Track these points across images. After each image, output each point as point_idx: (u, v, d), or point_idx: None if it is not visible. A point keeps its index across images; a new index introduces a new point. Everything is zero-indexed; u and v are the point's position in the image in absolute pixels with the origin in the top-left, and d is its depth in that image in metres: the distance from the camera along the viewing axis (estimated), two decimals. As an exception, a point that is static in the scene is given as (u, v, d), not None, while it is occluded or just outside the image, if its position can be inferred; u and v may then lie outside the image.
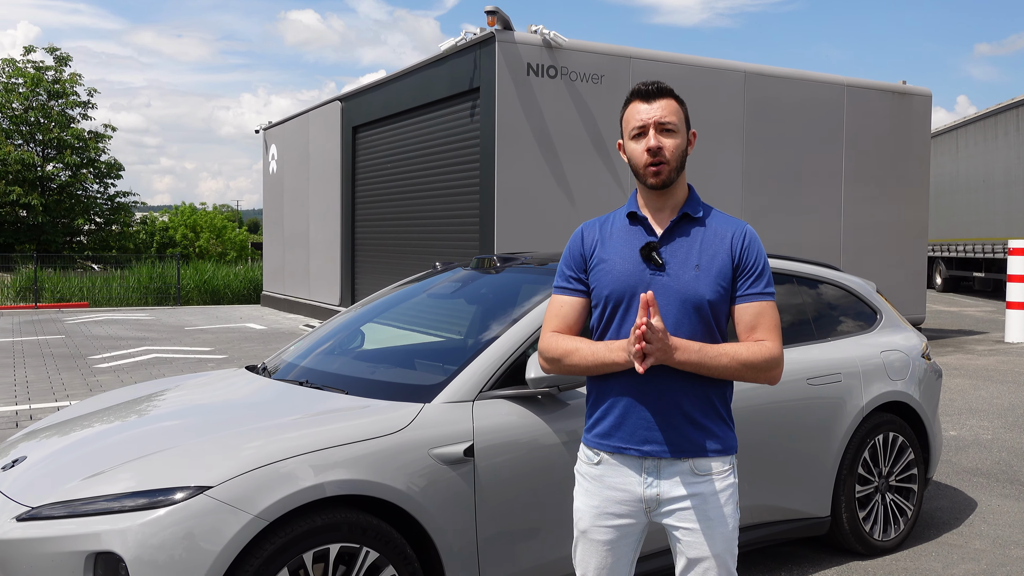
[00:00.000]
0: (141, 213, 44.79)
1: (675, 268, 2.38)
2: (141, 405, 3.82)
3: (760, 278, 2.40)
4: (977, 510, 5.27)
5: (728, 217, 2.48)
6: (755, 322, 2.38)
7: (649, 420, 2.37)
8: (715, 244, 2.40)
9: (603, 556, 2.46)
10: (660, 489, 2.38)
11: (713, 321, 2.38)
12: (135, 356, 11.48)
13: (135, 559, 2.65)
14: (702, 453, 2.37)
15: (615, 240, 2.46)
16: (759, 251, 2.42)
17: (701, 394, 2.38)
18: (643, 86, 2.42)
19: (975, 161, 21.70)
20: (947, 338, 13.76)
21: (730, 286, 2.40)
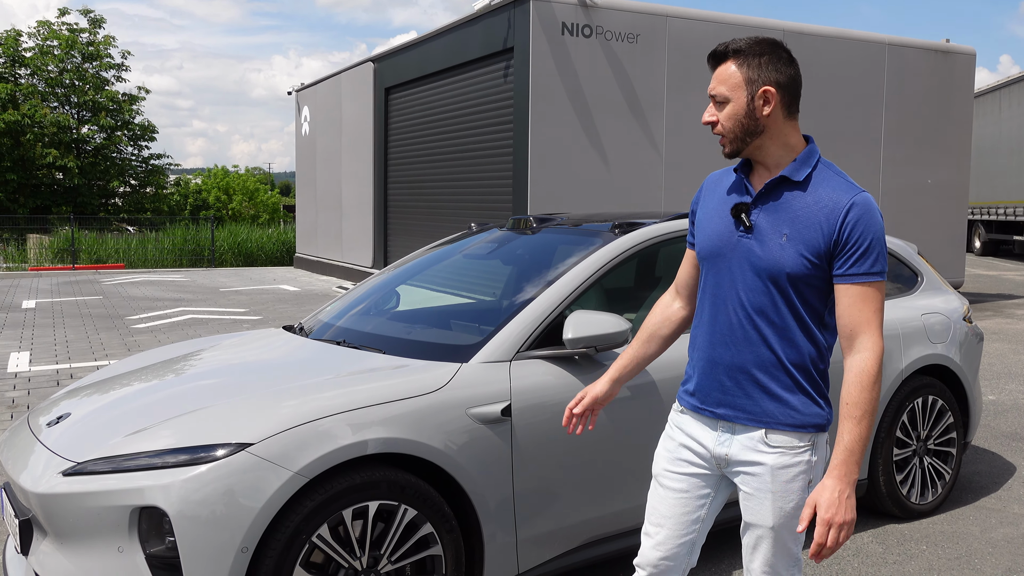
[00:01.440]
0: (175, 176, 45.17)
1: (763, 233, 2.25)
2: (179, 364, 3.86)
3: (864, 257, 2.17)
4: (1016, 475, 5.21)
5: (842, 184, 2.22)
6: (852, 308, 2.18)
7: (725, 385, 2.33)
8: (813, 213, 2.20)
9: (671, 504, 2.44)
10: (731, 449, 2.33)
11: (795, 296, 2.23)
12: (171, 317, 11.63)
13: (178, 514, 2.69)
14: (775, 424, 2.28)
15: (720, 194, 2.38)
16: (867, 226, 2.17)
17: (777, 364, 2.27)
18: (711, 53, 2.35)
19: (1018, 122, 21.19)
20: (986, 302, 13.55)
21: (824, 263, 2.20)
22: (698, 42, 11.29)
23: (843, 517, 2.10)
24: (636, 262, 4.08)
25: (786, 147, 2.27)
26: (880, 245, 2.19)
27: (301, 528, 2.78)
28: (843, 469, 2.13)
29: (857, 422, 2.14)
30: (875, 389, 2.15)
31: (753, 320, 2.27)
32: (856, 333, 2.18)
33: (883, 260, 2.19)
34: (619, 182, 10.98)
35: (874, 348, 2.17)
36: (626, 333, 3.33)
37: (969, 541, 4.21)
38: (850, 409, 2.15)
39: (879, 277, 2.19)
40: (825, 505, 2.11)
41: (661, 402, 3.57)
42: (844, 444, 2.14)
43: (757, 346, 2.27)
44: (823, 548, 2.11)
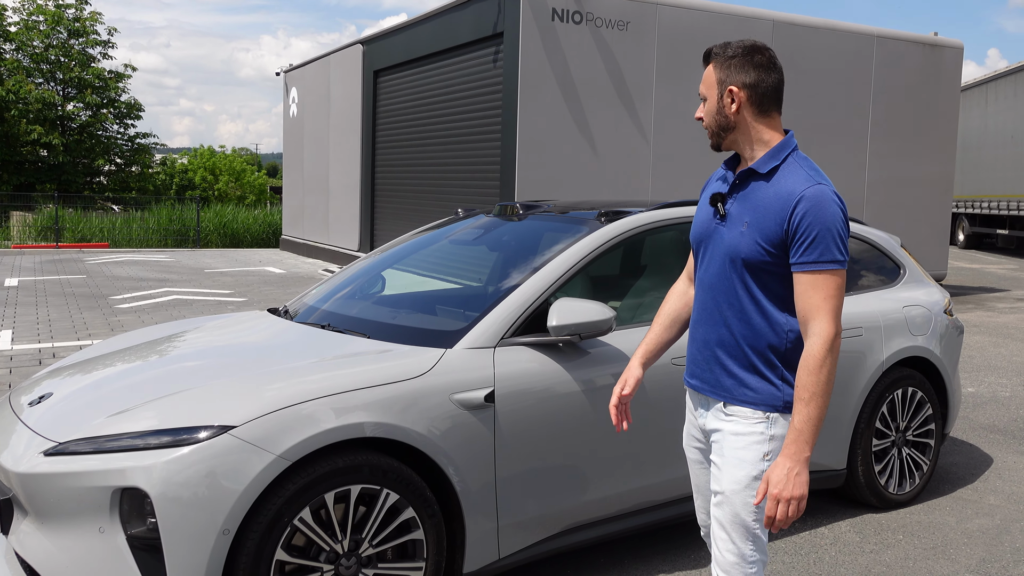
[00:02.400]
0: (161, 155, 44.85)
1: (731, 221, 2.42)
2: (163, 345, 3.85)
3: (812, 246, 2.27)
4: (993, 466, 5.27)
5: (802, 176, 2.33)
6: (803, 295, 2.30)
7: (697, 359, 2.55)
8: (771, 204, 2.33)
9: (695, 474, 2.70)
10: (706, 420, 2.55)
11: (753, 281, 2.38)
12: (156, 297, 11.58)
13: (160, 495, 2.69)
14: (731, 400, 2.46)
15: (711, 186, 2.58)
16: (816, 217, 2.27)
17: (735, 344, 2.44)
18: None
19: (1004, 116, 21.30)
20: (968, 295, 13.66)
21: (780, 251, 2.33)
22: (688, 30, 11.29)
23: (790, 492, 2.24)
24: (622, 250, 4.09)
25: (759, 142, 2.42)
26: (830, 235, 2.28)
27: (283, 511, 2.79)
28: (792, 448, 2.27)
29: (805, 404, 2.27)
30: (821, 372, 2.26)
31: (717, 302, 2.46)
32: (807, 319, 2.31)
33: (834, 250, 2.28)
34: (607, 170, 10.99)
35: (822, 334, 2.27)
36: (610, 321, 3.35)
37: (945, 531, 4.27)
38: (799, 391, 2.29)
39: (829, 266, 2.28)
40: (774, 481, 2.26)
41: (644, 390, 3.59)
42: (794, 424, 2.29)
43: (719, 326, 2.46)
44: (773, 521, 2.27)
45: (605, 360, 3.53)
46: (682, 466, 3.74)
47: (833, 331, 2.27)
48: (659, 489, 3.72)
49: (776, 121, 2.43)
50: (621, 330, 3.64)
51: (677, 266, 4.13)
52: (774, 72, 2.40)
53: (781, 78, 2.42)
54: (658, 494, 3.73)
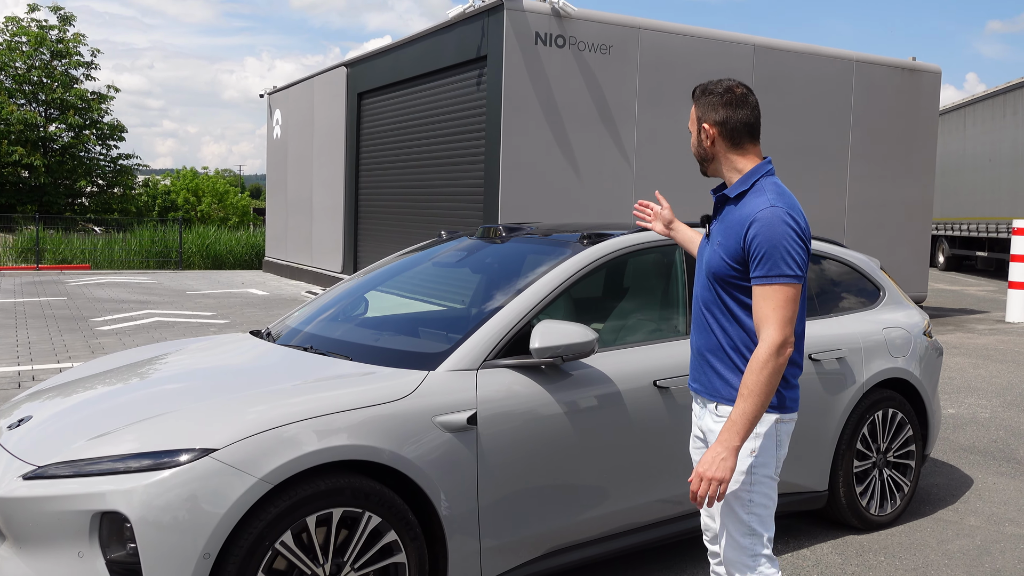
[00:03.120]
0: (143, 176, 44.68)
1: (712, 240, 2.72)
2: (144, 368, 3.83)
3: (762, 263, 2.53)
4: (973, 487, 5.31)
5: (761, 201, 2.59)
6: (756, 305, 2.56)
7: (694, 365, 2.83)
8: (733, 225, 2.62)
9: None
10: (704, 422, 2.79)
11: (725, 292, 2.67)
12: (137, 319, 11.51)
13: (140, 519, 2.67)
14: (720, 399, 2.70)
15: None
16: (765, 237, 2.52)
17: (720, 348, 2.70)
18: None
19: (982, 140, 21.58)
20: (948, 317, 13.77)
21: (743, 267, 2.60)
22: (670, 54, 11.40)
23: (712, 473, 2.47)
24: (604, 273, 4.11)
25: (733, 170, 2.71)
26: (777, 252, 2.52)
27: (264, 534, 2.78)
28: (724, 436, 2.50)
29: (743, 399, 2.51)
30: (762, 373, 2.49)
31: (702, 310, 2.75)
32: (759, 327, 2.55)
33: (782, 265, 2.52)
34: (590, 192, 11.04)
35: (767, 340, 2.51)
36: (593, 343, 3.36)
37: (926, 552, 4.29)
38: (740, 388, 2.53)
39: (777, 280, 2.52)
40: (703, 461, 2.51)
41: (627, 413, 3.60)
42: (730, 417, 2.52)
43: (707, 333, 2.74)
44: (695, 496, 2.49)
45: (587, 382, 3.54)
46: (666, 488, 3.75)
47: (779, 339, 2.50)
48: (642, 511, 3.72)
49: (750, 151, 2.69)
50: (603, 352, 3.66)
51: (659, 288, 4.16)
52: (744, 108, 2.67)
53: (752, 113, 2.68)
54: (641, 516, 3.73)
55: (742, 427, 2.49)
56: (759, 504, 2.65)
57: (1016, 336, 11.66)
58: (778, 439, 2.68)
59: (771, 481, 2.67)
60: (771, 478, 2.67)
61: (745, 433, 2.50)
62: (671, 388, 3.73)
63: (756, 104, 2.70)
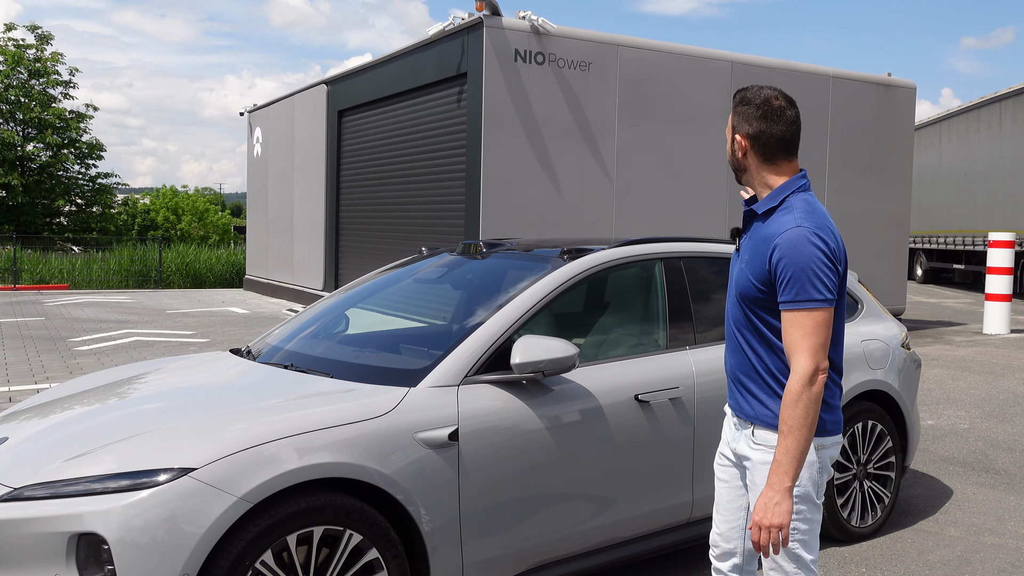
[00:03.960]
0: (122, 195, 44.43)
1: (741, 257, 2.62)
2: (123, 388, 3.80)
3: (787, 287, 2.41)
4: (953, 498, 5.34)
5: (787, 220, 2.46)
6: (784, 332, 2.44)
7: (729, 385, 2.73)
8: (760, 245, 2.51)
9: (719, 492, 2.79)
10: (739, 445, 2.67)
11: (755, 314, 2.55)
12: (116, 339, 11.42)
13: (118, 540, 2.64)
14: (758, 422, 2.59)
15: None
16: (789, 260, 2.40)
17: (754, 370, 2.60)
18: None
19: (957, 154, 21.84)
20: (926, 329, 13.88)
21: (769, 289, 2.49)
22: (648, 71, 11.48)
23: (770, 521, 2.35)
24: (585, 288, 4.13)
25: (763, 185, 2.59)
26: (804, 276, 2.39)
27: (244, 554, 2.76)
28: (773, 478, 2.39)
29: (784, 436, 2.39)
30: (797, 407, 2.37)
31: (734, 331, 2.64)
32: (789, 356, 2.45)
33: (810, 289, 2.39)
34: (571, 208, 11.08)
35: (798, 370, 2.40)
36: (574, 358, 3.37)
37: (907, 563, 4.30)
38: (779, 425, 2.42)
39: (805, 304, 2.40)
40: (757, 509, 2.40)
41: (608, 428, 3.61)
42: (775, 456, 2.41)
43: (738, 353, 2.63)
44: (758, 545, 2.39)
45: (569, 397, 3.54)
46: (648, 502, 3.75)
47: (811, 367, 2.37)
48: (626, 525, 3.72)
49: (784, 167, 2.56)
50: (585, 367, 3.66)
51: (640, 303, 4.18)
52: (780, 123, 2.53)
53: (788, 128, 2.54)
54: (625, 530, 3.73)
55: (789, 466, 2.36)
56: (801, 531, 2.53)
57: (994, 348, 11.77)
58: (820, 465, 2.55)
59: (814, 507, 2.56)
60: (815, 504, 2.55)
61: (795, 472, 2.36)
62: (652, 402, 3.74)
63: (795, 118, 2.56)
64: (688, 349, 4.01)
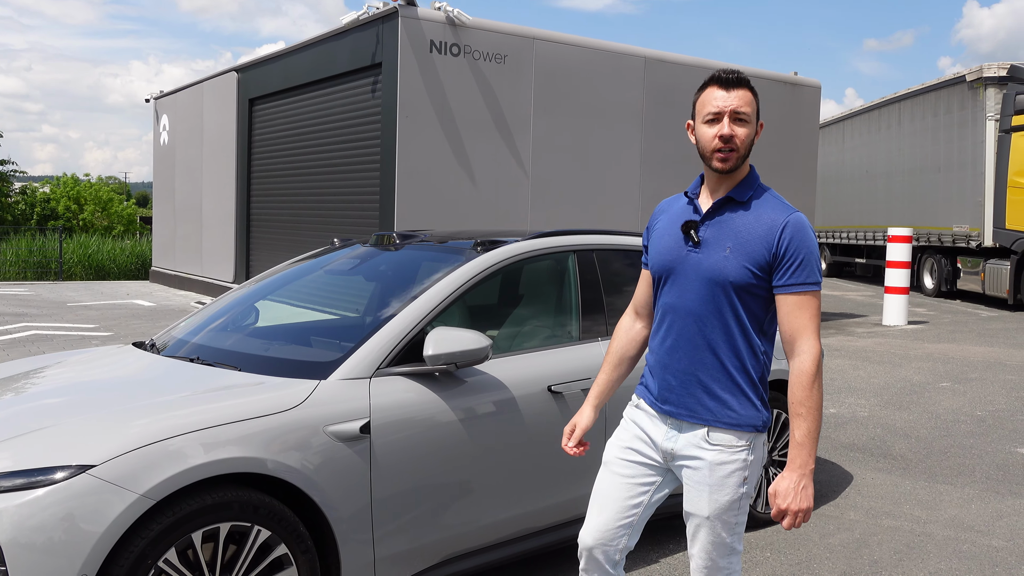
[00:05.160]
0: (20, 183, 42.59)
1: (709, 247, 2.50)
2: (19, 382, 3.65)
3: (800, 269, 2.42)
4: (852, 483, 5.54)
5: (778, 204, 2.49)
6: (791, 315, 2.43)
7: (672, 384, 2.57)
8: (753, 229, 2.46)
9: (616, 487, 2.66)
10: (676, 444, 2.57)
11: (739, 304, 2.47)
12: (12, 333, 10.94)
13: (10, 541, 2.54)
14: (715, 423, 2.51)
15: (670, 216, 2.64)
16: (801, 242, 2.42)
17: (720, 368, 2.50)
18: (723, 73, 2.53)
19: (860, 152, 22.62)
20: (830, 320, 14.35)
21: (765, 274, 2.45)
22: (563, 64, 11.55)
23: (798, 505, 2.38)
24: (499, 279, 4.13)
25: (744, 172, 2.57)
26: (814, 259, 2.45)
27: (147, 552, 2.68)
28: (798, 461, 2.40)
29: (804, 419, 2.39)
30: (814, 387, 2.39)
31: (700, 327, 2.51)
32: (795, 338, 2.43)
33: (816, 272, 2.45)
34: (486, 200, 11.08)
35: (811, 351, 2.42)
36: (487, 350, 3.37)
37: (809, 547, 4.45)
38: (795, 407, 2.41)
39: (814, 287, 2.44)
40: (782, 493, 2.39)
41: (522, 419, 3.62)
42: (795, 440, 2.40)
43: (702, 351, 2.52)
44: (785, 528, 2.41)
45: (482, 389, 3.55)
46: (562, 492, 3.78)
47: (819, 348, 2.42)
48: (540, 515, 3.74)
49: None
50: (498, 358, 3.67)
51: (553, 294, 4.20)
52: None
53: None
54: (538, 520, 3.75)
55: (811, 447, 2.39)
56: (742, 523, 2.58)
57: (892, 338, 12.25)
58: (761, 458, 2.59)
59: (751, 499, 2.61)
60: (751, 496, 2.59)
61: (815, 452, 2.39)
62: (565, 393, 3.77)
63: None
64: (601, 340, 4.05)
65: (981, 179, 16.31)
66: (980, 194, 16.31)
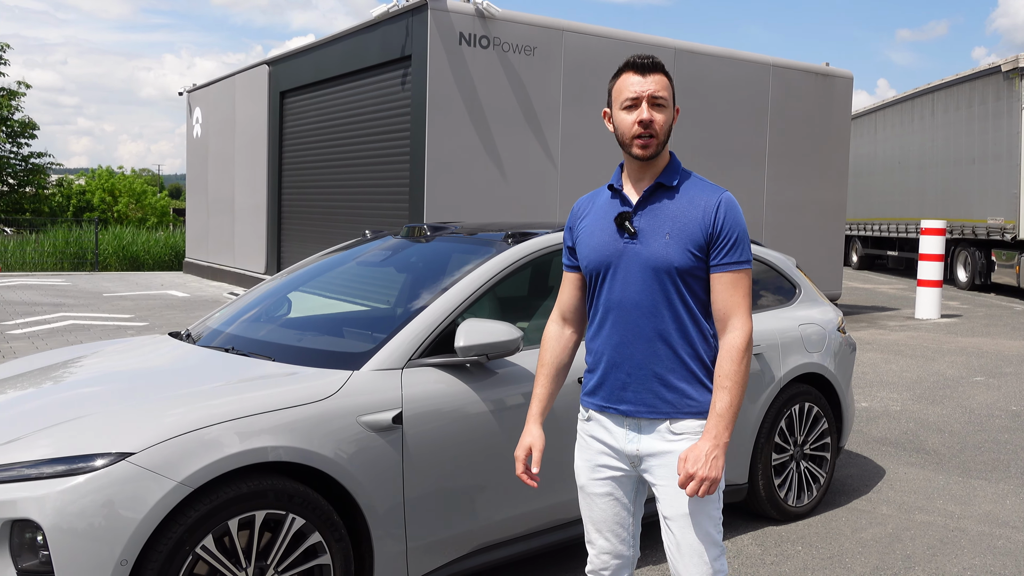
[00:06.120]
0: (57, 175, 43.20)
1: (646, 236, 2.45)
2: (59, 371, 3.72)
3: (734, 248, 2.43)
4: (885, 477, 5.50)
5: (708, 185, 2.49)
6: (724, 293, 2.43)
7: (625, 381, 2.50)
8: (688, 212, 2.44)
9: (602, 509, 2.59)
10: (640, 445, 2.50)
11: (685, 289, 2.44)
12: (51, 323, 11.13)
13: (53, 527, 2.59)
14: (676, 414, 2.46)
15: (596, 212, 2.58)
16: (735, 221, 2.44)
17: (674, 357, 2.46)
18: (638, 59, 2.47)
19: (892, 144, 22.35)
20: (861, 314, 14.22)
21: (704, 255, 2.43)
22: (593, 56, 11.52)
23: (705, 472, 2.33)
24: (529, 271, 4.15)
25: (665, 158, 2.53)
26: (746, 237, 2.47)
27: (184, 539, 2.73)
28: (714, 432, 2.37)
29: (728, 391, 2.38)
30: (743, 362, 2.40)
31: (649, 318, 2.45)
32: (729, 315, 2.43)
33: (747, 251, 2.47)
34: (515, 192, 11.09)
35: (743, 327, 2.43)
36: (518, 341, 3.38)
37: (841, 541, 4.43)
38: (721, 380, 2.40)
39: (746, 265, 2.46)
40: (692, 459, 2.35)
41: (552, 411, 3.63)
42: (715, 410, 2.38)
43: (653, 342, 2.45)
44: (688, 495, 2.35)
45: (513, 380, 3.56)
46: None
47: (751, 325, 2.44)
48: (568, 507, 3.76)
49: None
50: (529, 350, 3.69)
51: (583, 287, 4.20)
52: None
53: None
54: (567, 512, 3.77)
55: (730, 420, 2.36)
56: (721, 517, 2.51)
57: (925, 332, 12.12)
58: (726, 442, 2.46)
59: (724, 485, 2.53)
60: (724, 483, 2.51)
61: (732, 426, 2.37)
62: (595, 385, 3.78)
63: None
64: (630, 333, 4.05)
65: (1016, 171, 16.06)
66: (1015, 186, 16.06)
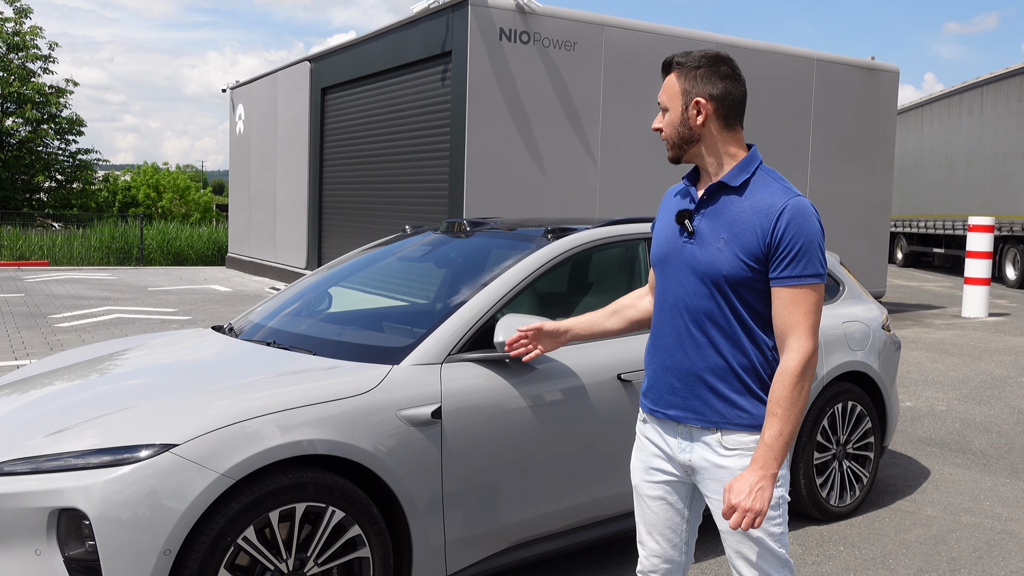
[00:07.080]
0: (103, 171, 44.00)
1: (704, 239, 2.31)
2: (104, 363, 3.78)
3: (797, 260, 2.21)
4: (930, 478, 5.40)
5: (777, 188, 2.29)
6: (783, 309, 2.24)
7: (675, 386, 2.38)
8: (748, 218, 2.26)
9: (654, 512, 2.50)
10: (692, 456, 2.38)
11: (736, 300, 2.28)
12: (97, 316, 11.34)
13: (99, 516, 2.64)
14: (726, 425, 2.32)
15: (669, 205, 2.48)
16: (799, 229, 2.21)
17: (726, 368, 2.31)
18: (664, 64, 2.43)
19: (939, 139, 21.95)
20: (906, 312, 13.99)
21: (761, 266, 2.25)
22: (633, 51, 11.45)
23: (749, 505, 2.16)
24: (569, 267, 4.13)
25: (725, 155, 2.35)
26: (813, 248, 2.23)
27: (226, 530, 2.76)
28: (760, 462, 2.20)
29: (778, 419, 2.20)
30: (796, 388, 2.19)
31: (700, 324, 2.32)
32: (785, 334, 2.24)
33: (816, 263, 2.23)
34: (554, 187, 11.07)
35: (799, 349, 2.21)
36: (556, 337, 3.37)
37: (884, 542, 4.36)
38: (771, 406, 2.22)
39: (812, 280, 2.22)
40: (736, 489, 2.19)
41: (591, 407, 3.62)
42: (763, 439, 2.21)
43: (705, 350, 2.32)
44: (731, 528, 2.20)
45: (552, 376, 3.56)
46: (629, 481, 3.77)
47: (811, 347, 2.21)
48: (606, 503, 3.75)
49: (740, 134, 2.38)
50: (567, 346, 3.67)
51: (623, 283, 4.19)
52: (740, 84, 2.36)
53: (745, 90, 2.38)
54: (605, 508, 3.75)
55: (780, 451, 2.19)
56: (786, 532, 2.36)
57: (972, 331, 11.89)
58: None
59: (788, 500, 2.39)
60: (788, 498, 2.37)
61: (782, 457, 2.19)
62: (634, 381, 3.76)
63: (745, 81, 2.40)
64: (671, 329, 4.02)
65: (1069, 166, 15.68)
66: (1068, 182, 15.69)
